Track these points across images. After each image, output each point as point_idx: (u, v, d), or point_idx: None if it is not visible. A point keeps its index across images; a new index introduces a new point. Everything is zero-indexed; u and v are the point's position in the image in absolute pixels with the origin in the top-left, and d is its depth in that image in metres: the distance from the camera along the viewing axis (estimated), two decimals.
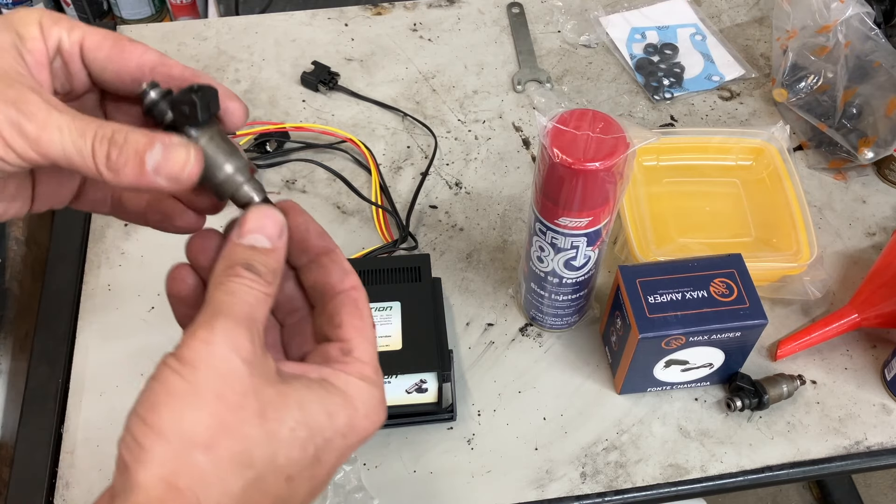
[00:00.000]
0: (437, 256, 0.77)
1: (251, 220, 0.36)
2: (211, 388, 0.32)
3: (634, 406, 0.68)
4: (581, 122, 0.56)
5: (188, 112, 0.35)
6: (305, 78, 0.91)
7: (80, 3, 1.72)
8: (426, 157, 0.85)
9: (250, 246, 0.35)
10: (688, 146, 0.79)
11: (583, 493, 0.64)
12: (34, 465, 0.63)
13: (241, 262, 0.35)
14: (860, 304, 0.70)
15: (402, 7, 1.00)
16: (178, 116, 0.36)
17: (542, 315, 0.70)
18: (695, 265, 0.64)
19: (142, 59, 0.37)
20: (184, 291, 0.38)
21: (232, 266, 0.35)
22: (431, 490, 0.63)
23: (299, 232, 0.39)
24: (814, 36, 0.84)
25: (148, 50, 0.38)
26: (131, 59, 0.37)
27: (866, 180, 0.84)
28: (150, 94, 0.36)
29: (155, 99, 0.36)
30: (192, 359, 0.32)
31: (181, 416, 0.31)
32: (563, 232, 0.60)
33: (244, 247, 0.35)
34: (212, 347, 0.32)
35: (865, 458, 0.66)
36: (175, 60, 0.38)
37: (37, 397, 0.67)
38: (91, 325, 0.72)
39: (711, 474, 0.65)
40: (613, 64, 0.95)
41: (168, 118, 0.36)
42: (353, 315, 0.38)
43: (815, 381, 0.70)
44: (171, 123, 0.36)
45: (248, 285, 0.34)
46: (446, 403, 0.65)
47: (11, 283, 0.88)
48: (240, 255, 0.35)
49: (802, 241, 0.72)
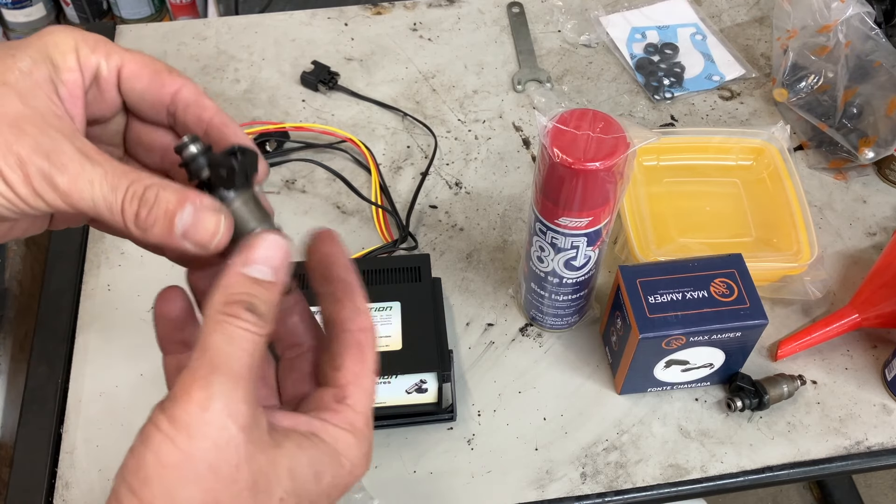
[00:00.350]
0: (437, 256, 0.77)
1: (259, 248, 0.34)
2: (205, 460, 0.30)
3: (634, 406, 0.68)
4: (581, 122, 0.56)
5: (226, 175, 0.34)
6: (305, 78, 0.91)
7: (79, 2, 1.72)
8: (426, 157, 0.85)
9: (253, 279, 0.34)
10: (688, 146, 0.79)
11: (583, 494, 0.63)
12: (34, 466, 0.63)
13: (243, 301, 0.33)
14: (861, 304, 0.70)
15: (402, 7, 1.00)
16: (215, 177, 0.35)
17: (542, 315, 0.70)
18: (695, 265, 0.64)
19: (179, 95, 0.37)
20: (173, 313, 0.37)
21: (232, 303, 0.33)
22: (431, 490, 0.63)
23: (327, 260, 0.38)
24: (814, 36, 0.84)
25: (186, 84, 0.37)
26: (168, 93, 0.37)
27: (867, 180, 0.84)
28: (190, 148, 0.34)
29: (194, 154, 0.35)
30: (186, 423, 0.30)
31: (173, 492, 0.30)
32: (564, 232, 0.60)
33: (247, 279, 0.33)
34: (209, 415, 0.31)
35: (866, 458, 0.66)
36: (210, 101, 0.38)
37: (36, 397, 0.67)
38: (91, 325, 0.72)
39: (712, 474, 0.65)
40: (614, 64, 0.95)
41: (204, 175, 0.35)
42: (355, 359, 0.37)
43: (816, 381, 0.70)
44: (206, 180, 0.35)
45: (248, 329, 0.33)
46: (446, 403, 0.65)
47: (11, 283, 0.88)
48: (241, 289, 0.33)
49: (803, 241, 0.72)
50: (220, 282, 0.34)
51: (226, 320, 0.32)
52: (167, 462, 0.30)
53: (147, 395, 0.67)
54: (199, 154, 0.35)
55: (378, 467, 0.64)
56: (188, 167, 0.35)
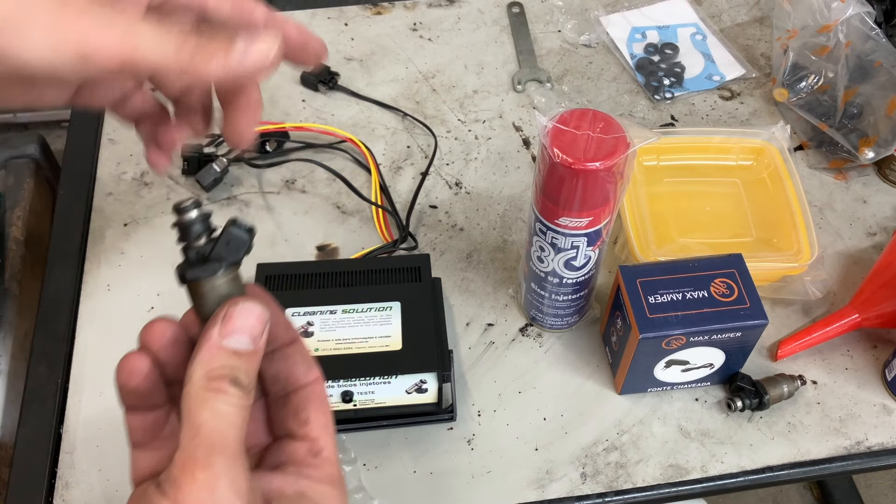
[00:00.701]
0: (437, 256, 0.77)
1: (237, 318, 0.34)
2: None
3: (635, 406, 0.68)
4: (581, 122, 0.56)
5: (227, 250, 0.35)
6: (305, 77, 0.91)
7: None
8: (426, 157, 0.85)
9: (233, 350, 0.34)
10: (688, 146, 0.79)
11: (583, 494, 0.63)
12: (34, 466, 0.63)
13: (227, 375, 0.33)
14: (861, 305, 0.70)
15: (402, 7, 1.00)
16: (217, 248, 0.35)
17: (542, 315, 0.70)
18: (695, 265, 0.64)
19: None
20: (140, 385, 0.35)
21: (216, 378, 0.33)
22: (431, 490, 0.63)
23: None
24: (814, 35, 0.84)
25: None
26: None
27: (867, 180, 0.84)
28: (192, 212, 0.34)
29: (194, 219, 0.34)
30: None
31: None
32: (564, 232, 0.60)
33: (226, 351, 0.34)
34: (217, 496, 0.31)
35: (866, 458, 0.66)
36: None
37: (36, 397, 0.67)
38: (91, 325, 0.72)
39: (712, 475, 0.65)
40: (614, 64, 0.95)
41: (201, 242, 0.35)
42: (319, 411, 0.37)
43: (816, 381, 0.70)
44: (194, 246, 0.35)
45: (235, 404, 0.33)
46: (446, 404, 0.65)
47: (11, 283, 0.88)
48: (223, 362, 0.33)
49: (803, 241, 0.72)
50: (199, 356, 0.33)
51: (212, 396, 0.32)
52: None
53: None
54: (198, 220, 0.34)
55: (378, 467, 0.64)
56: (186, 229, 0.35)
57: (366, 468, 0.64)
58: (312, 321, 0.65)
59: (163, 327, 0.36)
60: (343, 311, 0.66)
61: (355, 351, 0.63)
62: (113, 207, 0.80)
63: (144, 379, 0.35)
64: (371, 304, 0.66)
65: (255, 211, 0.80)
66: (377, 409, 0.64)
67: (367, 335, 0.64)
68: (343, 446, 0.65)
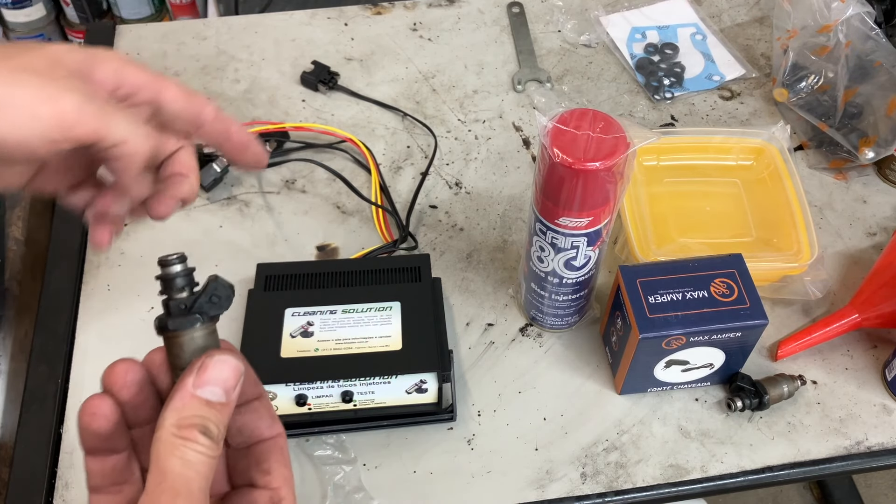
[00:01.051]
0: (437, 256, 0.77)
1: (212, 370, 0.35)
2: None
3: (635, 406, 0.68)
4: (581, 122, 0.56)
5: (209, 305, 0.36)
6: (305, 78, 0.91)
7: (79, 2, 1.72)
8: (426, 157, 0.85)
9: (206, 401, 0.34)
10: (688, 146, 0.79)
11: (583, 494, 0.63)
12: (34, 466, 0.63)
13: (198, 424, 0.34)
14: (861, 305, 0.70)
15: (402, 7, 1.00)
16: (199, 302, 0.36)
17: (542, 315, 0.70)
18: (695, 265, 0.64)
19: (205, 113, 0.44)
20: (102, 428, 0.36)
21: (187, 427, 0.34)
22: (431, 490, 0.63)
23: None
24: (814, 35, 0.84)
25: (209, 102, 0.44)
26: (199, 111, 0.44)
27: (867, 180, 0.84)
28: (176, 266, 0.36)
29: (176, 273, 0.36)
30: None
31: None
32: (564, 232, 0.60)
33: (199, 401, 0.34)
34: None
35: (866, 458, 0.66)
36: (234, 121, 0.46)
37: (36, 397, 0.67)
38: (90, 325, 0.72)
39: (712, 475, 0.65)
40: (614, 64, 0.95)
41: (183, 295, 0.36)
42: (280, 463, 0.39)
43: (816, 381, 0.70)
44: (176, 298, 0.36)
45: (203, 453, 0.33)
46: (446, 404, 0.65)
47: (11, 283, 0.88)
48: (194, 411, 0.34)
49: (803, 241, 0.72)
50: (172, 403, 0.34)
51: (182, 444, 0.33)
52: None
53: None
54: (181, 274, 0.36)
55: (378, 467, 0.64)
56: (169, 282, 0.36)
57: (366, 468, 0.64)
58: (312, 321, 0.65)
59: (125, 368, 0.37)
60: (343, 311, 0.66)
61: (355, 351, 0.63)
62: None
63: (107, 422, 0.36)
64: (371, 304, 0.66)
65: (255, 211, 0.80)
66: (377, 409, 0.64)
67: (367, 335, 0.64)
68: (343, 446, 0.65)
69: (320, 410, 0.63)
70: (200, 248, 0.77)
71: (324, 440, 0.65)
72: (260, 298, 0.67)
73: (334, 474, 0.63)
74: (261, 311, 0.66)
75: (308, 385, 0.62)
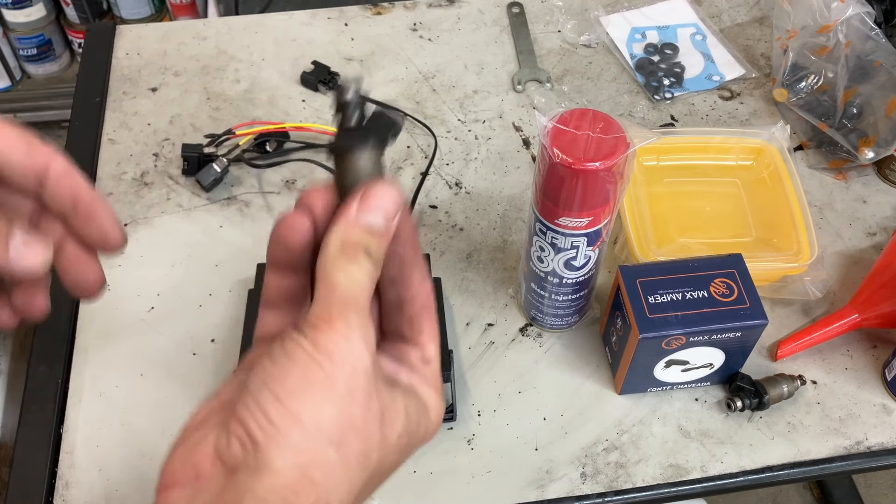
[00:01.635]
0: (437, 256, 0.77)
1: (375, 197, 0.36)
2: (345, 385, 0.33)
3: (634, 406, 0.68)
4: (581, 122, 0.56)
5: (376, 129, 0.37)
6: (305, 78, 0.91)
7: (79, 2, 1.72)
8: (426, 157, 0.85)
9: (368, 226, 0.35)
10: (688, 146, 0.79)
11: (583, 494, 0.63)
12: (34, 465, 0.63)
13: (361, 243, 0.35)
14: (861, 304, 0.70)
15: (402, 7, 1.00)
16: (368, 126, 0.37)
17: (542, 315, 0.70)
18: (695, 265, 0.64)
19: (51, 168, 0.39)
20: (297, 242, 0.37)
21: (352, 246, 0.35)
22: (431, 490, 0.63)
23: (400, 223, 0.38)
24: (814, 36, 0.84)
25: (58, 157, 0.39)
26: (41, 164, 0.39)
27: (867, 180, 0.84)
28: (350, 94, 0.36)
29: (350, 100, 0.36)
30: (331, 351, 0.33)
31: (320, 409, 0.32)
32: (564, 232, 0.60)
33: (362, 226, 0.35)
34: (351, 344, 0.33)
35: (866, 458, 0.66)
36: (82, 178, 0.40)
37: (36, 398, 0.67)
38: (91, 325, 0.72)
39: (712, 474, 0.65)
40: (614, 64, 0.95)
41: (353, 122, 0.37)
42: (431, 322, 0.40)
43: (816, 381, 0.70)
44: (347, 124, 0.37)
45: (366, 273, 0.35)
46: (446, 404, 0.65)
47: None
48: (358, 236, 0.35)
49: (803, 241, 0.72)
50: (337, 226, 0.35)
51: (347, 262, 0.35)
52: (314, 380, 0.32)
53: (147, 395, 0.67)
54: (355, 101, 0.36)
55: None
56: (344, 107, 0.36)
57: None
58: None
59: (320, 194, 0.37)
60: None
61: None
62: (113, 207, 0.80)
63: (302, 237, 0.37)
64: None
65: (255, 211, 0.80)
66: None
67: None
68: None
69: None
70: (200, 248, 0.77)
71: None
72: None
73: None
74: None
75: None
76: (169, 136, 0.86)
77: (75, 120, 0.87)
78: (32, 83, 1.84)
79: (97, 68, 0.92)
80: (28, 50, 1.78)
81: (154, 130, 0.87)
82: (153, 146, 0.85)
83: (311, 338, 0.33)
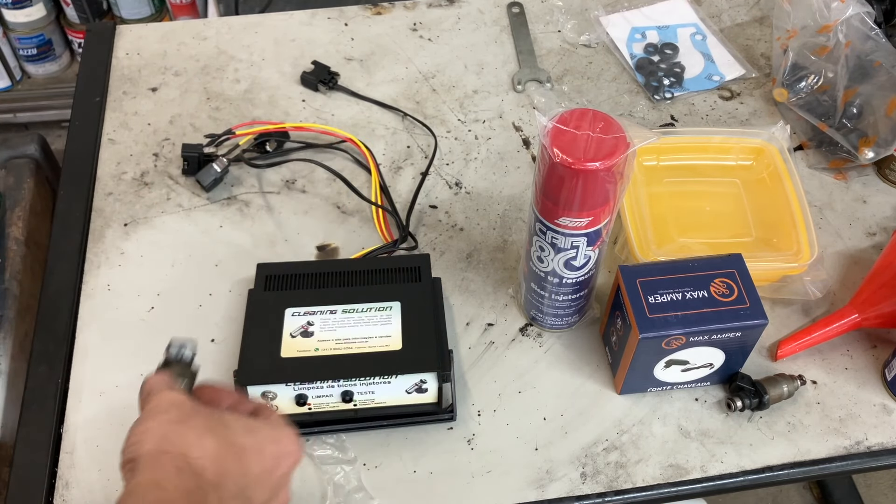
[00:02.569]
0: (437, 256, 0.77)
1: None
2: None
3: (634, 406, 0.68)
4: (581, 122, 0.56)
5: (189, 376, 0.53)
6: (305, 78, 0.91)
7: (79, 3, 1.72)
8: (426, 157, 0.85)
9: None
10: (688, 146, 0.79)
11: (583, 494, 0.63)
12: (34, 465, 0.63)
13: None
14: (860, 304, 0.70)
15: (402, 7, 1.00)
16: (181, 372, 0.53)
17: (542, 315, 0.70)
18: (695, 265, 0.64)
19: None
20: None
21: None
22: (431, 490, 0.63)
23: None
24: (814, 36, 0.84)
25: None
26: None
27: (867, 180, 0.84)
28: (187, 352, 0.54)
29: (186, 357, 0.54)
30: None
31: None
32: (564, 232, 0.60)
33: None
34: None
35: (866, 458, 0.66)
36: None
37: (36, 397, 0.67)
38: (91, 325, 0.72)
39: (712, 474, 0.65)
40: (613, 64, 0.95)
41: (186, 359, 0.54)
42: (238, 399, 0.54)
43: (816, 381, 0.70)
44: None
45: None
46: (446, 403, 0.65)
47: (11, 283, 0.88)
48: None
49: (803, 241, 0.72)
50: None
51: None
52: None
53: None
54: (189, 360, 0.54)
55: (378, 467, 0.64)
56: (175, 362, 0.53)
57: (366, 468, 0.64)
58: (312, 321, 0.65)
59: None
60: (343, 311, 0.66)
61: (355, 351, 0.63)
62: (113, 207, 0.80)
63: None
64: (371, 304, 0.66)
65: (255, 211, 0.80)
66: (377, 408, 0.64)
67: (367, 335, 0.64)
68: (343, 446, 0.65)
69: (320, 410, 0.63)
70: (200, 248, 0.77)
71: (324, 440, 0.65)
72: (260, 298, 0.67)
73: (334, 474, 0.64)
74: (261, 311, 0.66)
75: (308, 385, 0.62)
76: (169, 135, 0.86)
77: (75, 120, 0.87)
78: (32, 83, 1.84)
79: (97, 68, 0.92)
80: (28, 50, 1.78)
81: (154, 130, 0.87)
82: (153, 146, 0.85)
83: None
